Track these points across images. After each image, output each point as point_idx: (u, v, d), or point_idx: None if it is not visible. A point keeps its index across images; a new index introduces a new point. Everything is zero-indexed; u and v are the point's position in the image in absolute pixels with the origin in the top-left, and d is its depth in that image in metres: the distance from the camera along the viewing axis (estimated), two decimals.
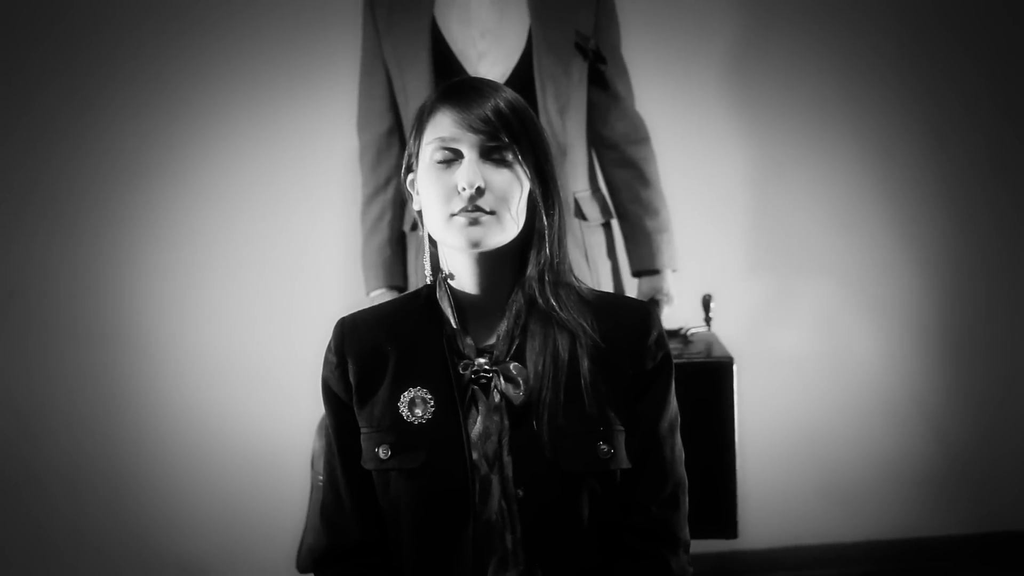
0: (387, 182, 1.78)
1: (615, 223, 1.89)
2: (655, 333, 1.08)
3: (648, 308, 1.10)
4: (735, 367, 1.67)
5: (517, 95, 1.05)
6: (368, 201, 1.82)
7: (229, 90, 2.25)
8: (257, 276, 2.29)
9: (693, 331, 1.83)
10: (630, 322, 1.07)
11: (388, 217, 1.79)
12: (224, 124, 2.25)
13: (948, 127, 2.50)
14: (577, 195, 1.76)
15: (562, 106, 1.68)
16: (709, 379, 1.67)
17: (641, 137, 1.83)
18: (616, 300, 1.14)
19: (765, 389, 2.43)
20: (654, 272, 1.82)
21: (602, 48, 1.75)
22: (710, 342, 1.81)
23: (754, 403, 2.41)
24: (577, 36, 1.69)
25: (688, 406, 1.56)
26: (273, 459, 2.25)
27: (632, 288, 1.91)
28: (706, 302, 1.82)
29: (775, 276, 2.48)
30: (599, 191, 1.86)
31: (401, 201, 1.79)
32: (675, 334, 1.85)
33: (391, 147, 1.78)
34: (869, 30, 2.44)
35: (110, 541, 2.27)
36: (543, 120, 1.64)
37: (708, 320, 1.82)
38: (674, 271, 1.85)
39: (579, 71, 1.73)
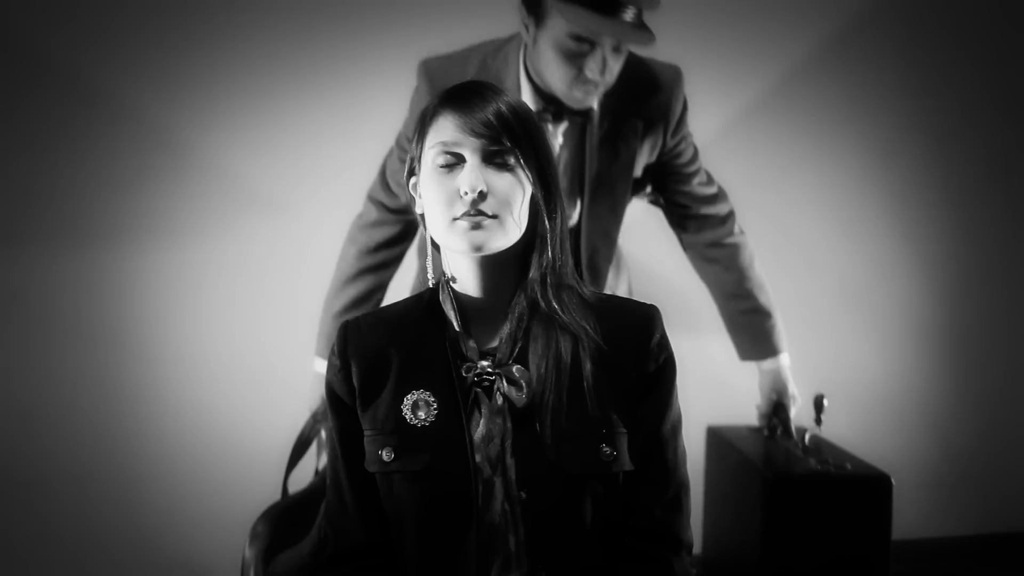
0: (389, 263, 1.70)
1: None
2: (657, 335, 1.08)
3: (651, 311, 1.10)
4: (893, 484, 1.57)
5: (520, 99, 1.06)
6: (356, 274, 1.72)
7: (230, 92, 2.25)
8: (260, 277, 2.30)
9: (809, 435, 1.75)
10: (633, 324, 1.08)
11: (376, 300, 1.71)
12: (226, 126, 2.26)
13: (949, 129, 2.50)
14: None
15: (604, 259, 1.66)
16: (864, 496, 1.57)
17: (726, 232, 1.77)
18: (619, 302, 1.13)
19: None
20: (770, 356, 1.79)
21: (677, 164, 1.69)
22: (839, 451, 1.72)
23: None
24: (635, 186, 1.65)
25: (840, 523, 1.48)
26: (278, 459, 2.24)
27: None
28: (818, 402, 1.75)
29: (776, 277, 2.48)
30: None
31: (386, 282, 1.71)
32: (788, 431, 1.76)
33: (411, 231, 1.69)
34: (870, 32, 2.45)
35: (116, 541, 2.27)
36: (584, 267, 1.63)
37: (819, 421, 1.75)
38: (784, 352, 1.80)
39: (629, 206, 1.70)
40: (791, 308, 2.49)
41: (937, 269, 2.54)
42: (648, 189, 1.71)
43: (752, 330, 1.78)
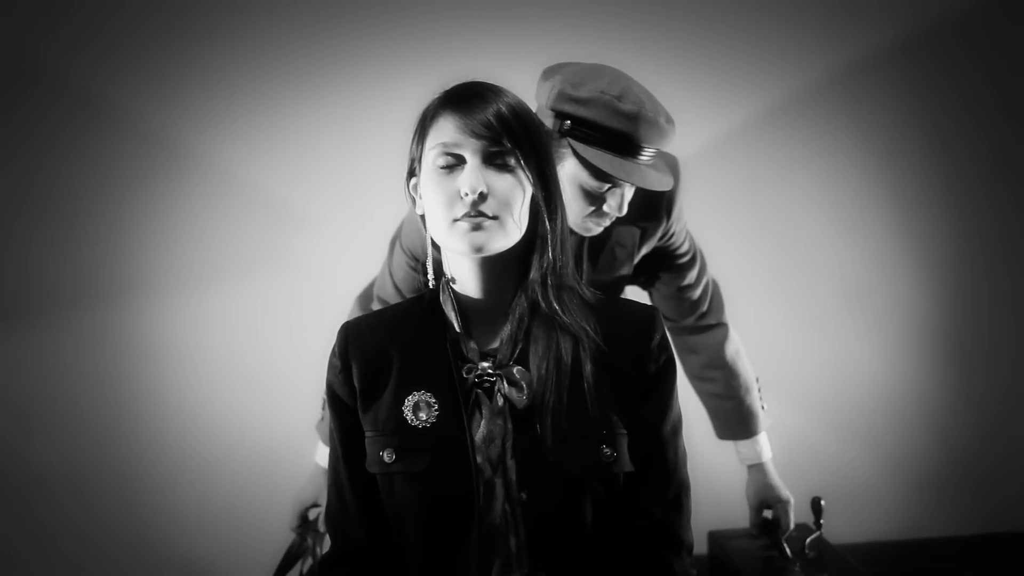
0: None
1: None
2: (658, 336, 1.08)
3: (651, 311, 1.10)
4: None
5: (519, 99, 1.05)
6: None
7: (229, 92, 2.25)
8: (260, 278, 2.30)
9: (810, 539, 1.72)
10: (633, 325, 1.07)
11: None
12: (225, 126, 2.26)
13: (952, 129, 2.50)
14: None
15: None
16: None
17: (698, 317, 1.72)
18: (619, 303, 1.13)
19: (768, 390, 2.43)
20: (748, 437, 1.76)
21: (669, 251, 1.65)
22: (840, 556, 1.69)
23: None
24: (632, 276, 1.64)
25: None
26: (277, 460, 2.25)
27: None
28: (816, 505, 1.73)
29: (778, 277, 2.48)
30: None
31: None
32: (783, 554, 1.71)
33: None
34: (872, 31, 2.44)
35: (115, 542, 2.27)
36: None
37: (819, 525, 1.73)
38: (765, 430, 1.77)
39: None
40: (793, 308, 2.49)
41: (939, 269, 2.53)
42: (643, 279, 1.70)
43: (719, 413, 1.76)
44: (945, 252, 2.53)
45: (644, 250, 1.60)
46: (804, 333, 2.50)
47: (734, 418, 1.75)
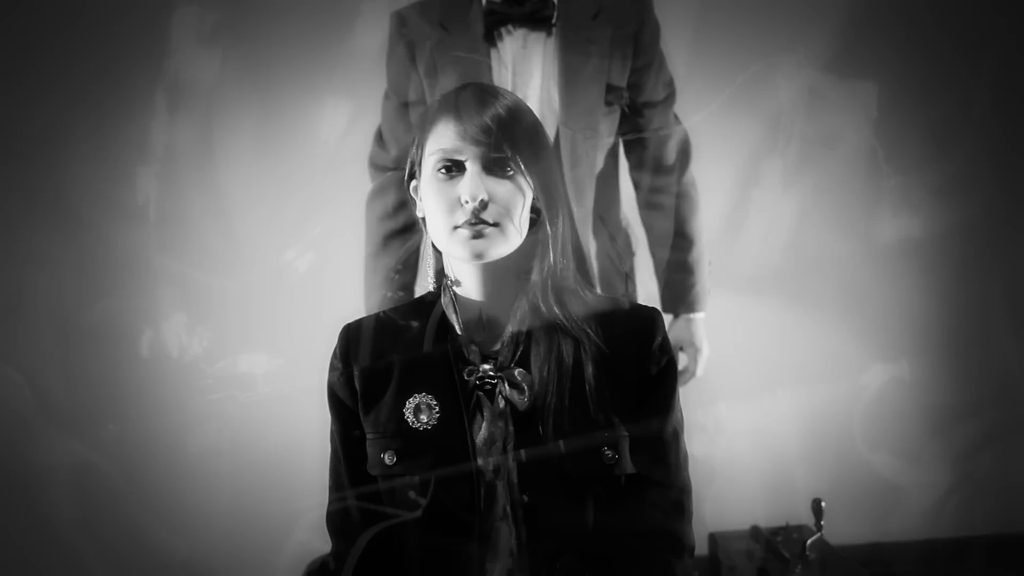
0: (411, 226, 1.67)
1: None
2: (659, 338, 1.08)
3: (653, 314, 1.10)
4: None
5: (520, 101, 1.05)
6: (383, 242, 1.74)
7: (234, 92, 2.25)
8: (260, 278, 2.29)
9: (811, 541, 1.74)
10: (634, 328, 1.08)
11: (413, 271, 1.72)
12: (227, 127, 2.26)
13: (951, 129, 2.50)
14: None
15: (581, 189, 1.64)
16: None
17: (673, 180, 1.77)
18: (621, 306, 1.14)
19: (768, 392, 2.43)
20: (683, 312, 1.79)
21: (643, 85, 1.68)
22: (840, 557, 1.73)
23: (757, 406, 2.42)
24: (609, 93, 1.64)
25: None
26: (278, 461, 2.25)
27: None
28: (817, 507, 1.75)
29: (776, 277, 2.48)
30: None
31: (417, 245, 1.67)
32: (780, 557, 1.73)
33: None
34: (871, 31, 2.44)
35: (115, 544, 2.27)
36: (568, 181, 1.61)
37: (820, 527, 1.75)
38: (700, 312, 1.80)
39: (610, 124, 1.69)
40: (792, 307, 2.49)
41: (939, 269, 2.53)
42: (625, 96, 1.68)
43: (674, 284, 1.79)
44: (944, 253, 2.53)
45: (617, 58, 1.61)
46: (803, 333, 2.50)
47: (684, 291, 1.79)
